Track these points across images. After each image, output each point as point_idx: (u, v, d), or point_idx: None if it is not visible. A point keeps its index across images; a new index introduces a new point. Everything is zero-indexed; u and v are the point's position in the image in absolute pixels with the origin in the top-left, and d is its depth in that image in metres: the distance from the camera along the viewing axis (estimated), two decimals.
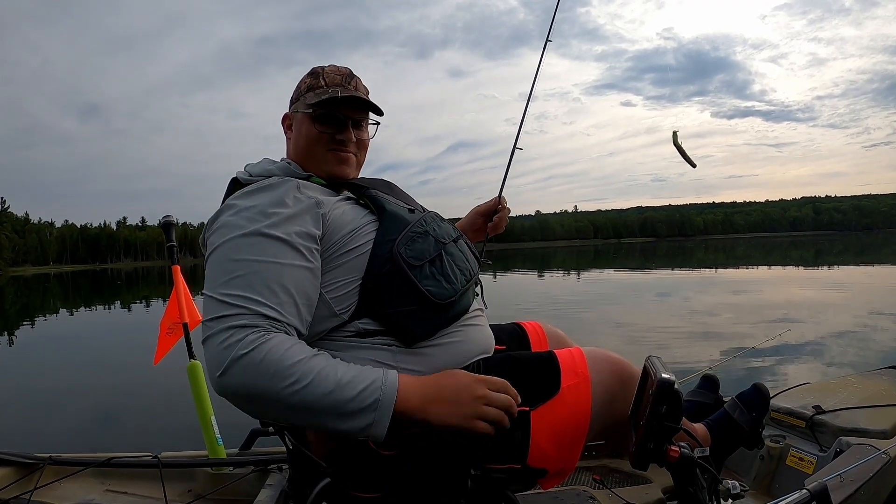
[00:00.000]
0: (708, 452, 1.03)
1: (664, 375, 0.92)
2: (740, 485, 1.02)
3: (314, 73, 1.19)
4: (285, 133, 1.23)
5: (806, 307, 8.59)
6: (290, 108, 1.21)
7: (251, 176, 1.10)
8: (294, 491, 1.17)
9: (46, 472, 1.81)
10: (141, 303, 16.67)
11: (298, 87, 1.20)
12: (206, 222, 1.05)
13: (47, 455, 1.85)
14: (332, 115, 1.14)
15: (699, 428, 1.28)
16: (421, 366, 1.02)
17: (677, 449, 0.93)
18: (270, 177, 1.07)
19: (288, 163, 1.15)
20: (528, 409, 0.99)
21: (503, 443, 0.97)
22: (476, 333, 1.12)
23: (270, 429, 1.21)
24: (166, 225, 2.24)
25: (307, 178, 1.11)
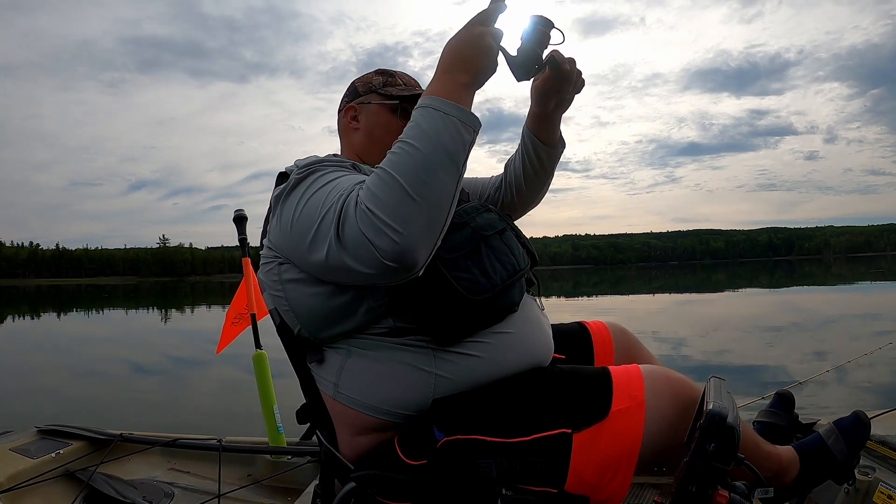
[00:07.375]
0: (771, 494, 0.90)
1: (715, 406, 0.80)
2: None
3: (386, 73, 1.22)
4: (348, 124, 1.23)
5: None
6: (352, 101, 1.22)
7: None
8: (323, 490, 1.17)
9: (117, 448, 1.94)
10: None
11: (366, 82, 1.21)
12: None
13: (119, 432, 1.99)
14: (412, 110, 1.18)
15: (786, 452, 1.14)
16: (456, 375, 0.98)
17: (726, 494, 0.79)
18: None
19: (334, 155, 1.15)
20: (569, 431, 0.92)
21: (540, 464, 0.92)
22: (521, 341, 1.05)
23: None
24: (238, 219, 2.34)
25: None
